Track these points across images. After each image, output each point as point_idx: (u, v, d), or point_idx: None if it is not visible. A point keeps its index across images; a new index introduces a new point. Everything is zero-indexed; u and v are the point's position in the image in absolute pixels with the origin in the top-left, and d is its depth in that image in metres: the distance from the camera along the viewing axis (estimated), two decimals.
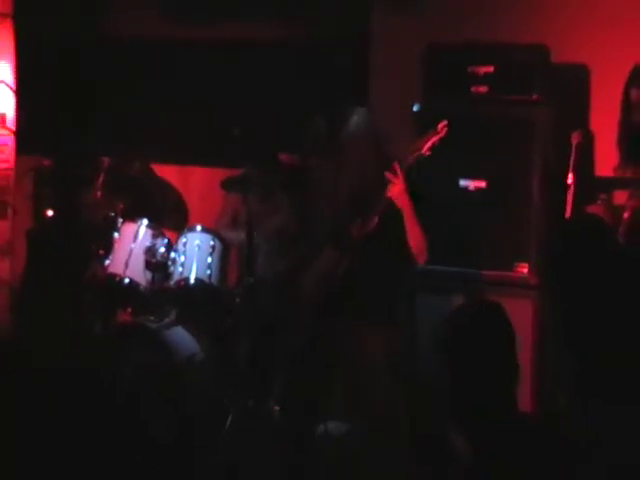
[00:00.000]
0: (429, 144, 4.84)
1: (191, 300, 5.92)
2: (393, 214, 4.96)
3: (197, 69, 6.86)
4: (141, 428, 4.39)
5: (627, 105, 5.32)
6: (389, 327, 5.17)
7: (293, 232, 5.82)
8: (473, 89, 5.72)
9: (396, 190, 4.87)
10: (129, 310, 6.13)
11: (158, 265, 5.87)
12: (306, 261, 5.48)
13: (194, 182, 6.93)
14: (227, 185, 6.06)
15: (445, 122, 4.86)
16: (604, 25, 5.81)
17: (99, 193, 6.16)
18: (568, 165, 5.32)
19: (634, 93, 5.27)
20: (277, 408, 5.41)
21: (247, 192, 5.80)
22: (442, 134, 4.86)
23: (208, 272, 5.83)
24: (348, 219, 5.09)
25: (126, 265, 5.90)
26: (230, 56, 6.80)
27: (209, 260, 5.85)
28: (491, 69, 5.69)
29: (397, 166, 4.86)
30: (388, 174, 4.86)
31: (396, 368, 5.10)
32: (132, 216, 6.05)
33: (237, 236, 5.91)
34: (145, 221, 5.98)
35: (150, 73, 6.94)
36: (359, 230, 5.00)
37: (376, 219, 4.93)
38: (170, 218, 6.36)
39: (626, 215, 5.05)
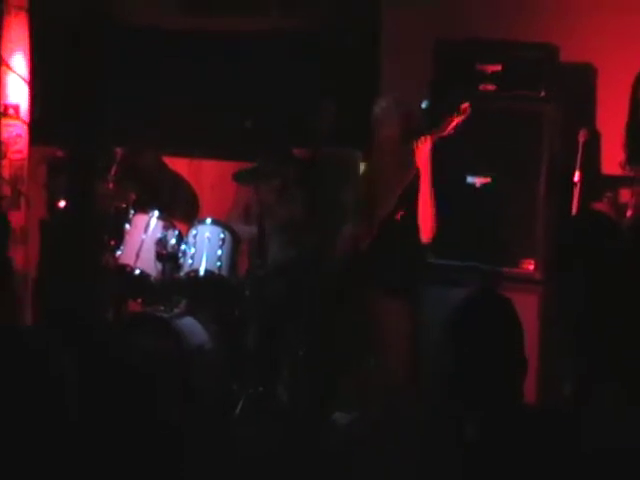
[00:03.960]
0: (453, 124, 5.09)
1: (201, 291, 6.00)
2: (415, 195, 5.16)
3: (210, 61, 6.90)
4: (151, 414, 4.44)
5: (635, 104, 5.36)
6: (410, 300, 5.28)
7: (304, 223, 5.90)
8: (481, 87, 5.77)
9: (422, 156, 5.11)
10: (139, 300, 6.20)
11: (169, 256, 5.92)
12: (324, 245, 5.59)
13: (205, 174, 6.97)
14: (239, 177, 6.08)
15: (468, 104, 5.08)
16: (611, 25, 5.83)
17: (111, 184, 6.20)
18: (575, 162, 5.37)
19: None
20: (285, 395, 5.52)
21: (260, 184, 5.87)
22: (466, 115, 5.09)
23: (218, 264, 5.89)
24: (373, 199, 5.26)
25: (137, 256, 5.96)
26: (242, 48, 6.82)
27: (219, 252, 5.90)
28: (499, 67, 5.73)
29: (427, 136, 5.11)
30: (417, 141, 5.10)
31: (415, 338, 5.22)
32: (143, 207, 6.10)
33: (249, 230, 5.98)
34: (156, 213, 6.03)
35: (163, 65, 6.97)
36: (385, 209, 5.16)
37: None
38: (181, 210, 6.41)
39: (629, 213, 5.10)
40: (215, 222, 6.00)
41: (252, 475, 4.95)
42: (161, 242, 5.92)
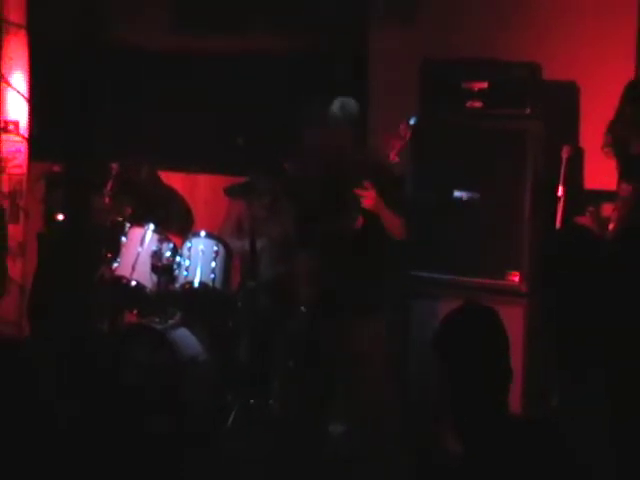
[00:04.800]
0: (395, 151, 5.00)
1: (195, 303, 6.07)
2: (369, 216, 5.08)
3: (203, 79, 6.99)
4: (143, 424, 4.51)
5: (621, 113, 5.43)
6: (376, 316, 5.27)
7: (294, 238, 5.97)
8: (468, 104, 5.86)
9: (370, 202, 4.97)
10: (135, 312, 6.27)
11: (164, 269, 6.00)
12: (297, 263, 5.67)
13: (199, 189, 7.06)
14: (231, 192, 6.19)
15: (404, 125, 5.02)
16: (593, 44, 5.92)
17: (108, 198, 6.26)
18: (558, 178, 5.48)
19: (627, 109, 5.40)
20: (277, 406, 5.58)
21: (251, 199, 5.97)
22: (407, 138, 5.02)
23: (212, 276, 5.97)
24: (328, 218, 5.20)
25: (133, 268, 6.04)
26: (235, 66, 6.92)
27: (213, 265, 5.99)
28: (485, 85, 5.82)
29: (367, 183, 4.96)
30: (358, 190, 4.96)
31: (384, 355, 5.23)
32: (139, 221, 6.19)
33: (241, 244, 6.05)
34: (152, 226, 6.11)
35: (158, 82, 7.07)
36: (342, 229, 5.11)
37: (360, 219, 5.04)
38: (176, 223, 6.48)
39: (611, 226, 5.20)
40: (209, 235, 6.08)
41: None
42: (156, 255, 6.00)
